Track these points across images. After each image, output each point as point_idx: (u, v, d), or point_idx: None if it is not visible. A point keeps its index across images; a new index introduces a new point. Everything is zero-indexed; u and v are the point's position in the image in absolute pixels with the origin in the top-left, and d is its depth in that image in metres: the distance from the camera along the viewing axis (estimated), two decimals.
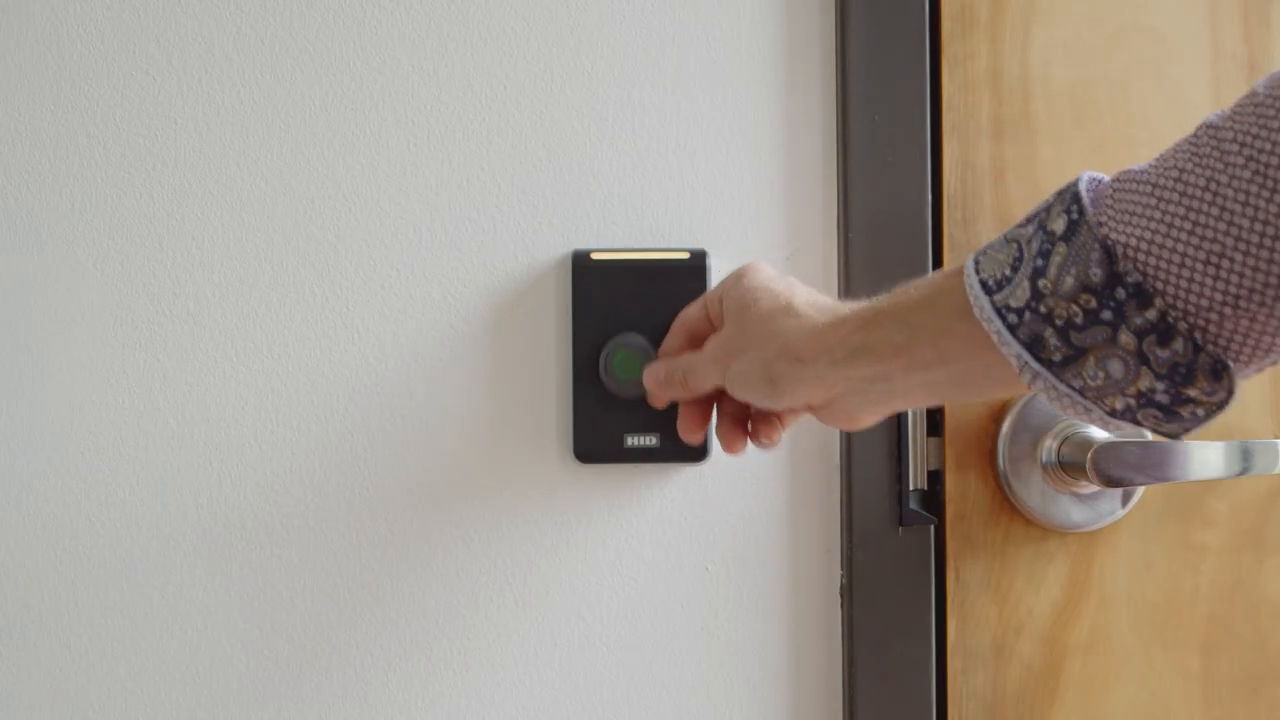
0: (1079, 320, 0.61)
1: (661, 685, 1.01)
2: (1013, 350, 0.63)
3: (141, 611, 1.00)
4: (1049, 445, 0.99)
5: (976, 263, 0.65)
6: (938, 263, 1.00)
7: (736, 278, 0.84)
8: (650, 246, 1.00)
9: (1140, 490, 1.00)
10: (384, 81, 1.00)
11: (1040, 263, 0.62)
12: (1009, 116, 1.01)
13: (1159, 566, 1.01)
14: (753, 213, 1.01)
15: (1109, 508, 1.00)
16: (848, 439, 0.99)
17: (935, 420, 1.00)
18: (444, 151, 1.00)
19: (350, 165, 1.00)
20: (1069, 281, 0.61)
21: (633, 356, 0.95)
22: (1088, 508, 1.00)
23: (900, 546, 0.99)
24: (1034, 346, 0.62)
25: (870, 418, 0.80)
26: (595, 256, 0.98)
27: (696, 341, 0.90)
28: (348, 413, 1.00)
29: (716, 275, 1.00)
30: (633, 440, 0.98)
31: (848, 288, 0.99)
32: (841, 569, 1.00)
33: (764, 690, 1.01)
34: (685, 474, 1.01)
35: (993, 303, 0.63)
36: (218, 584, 1.00)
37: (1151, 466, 0.93)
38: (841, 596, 1.00)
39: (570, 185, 1.00)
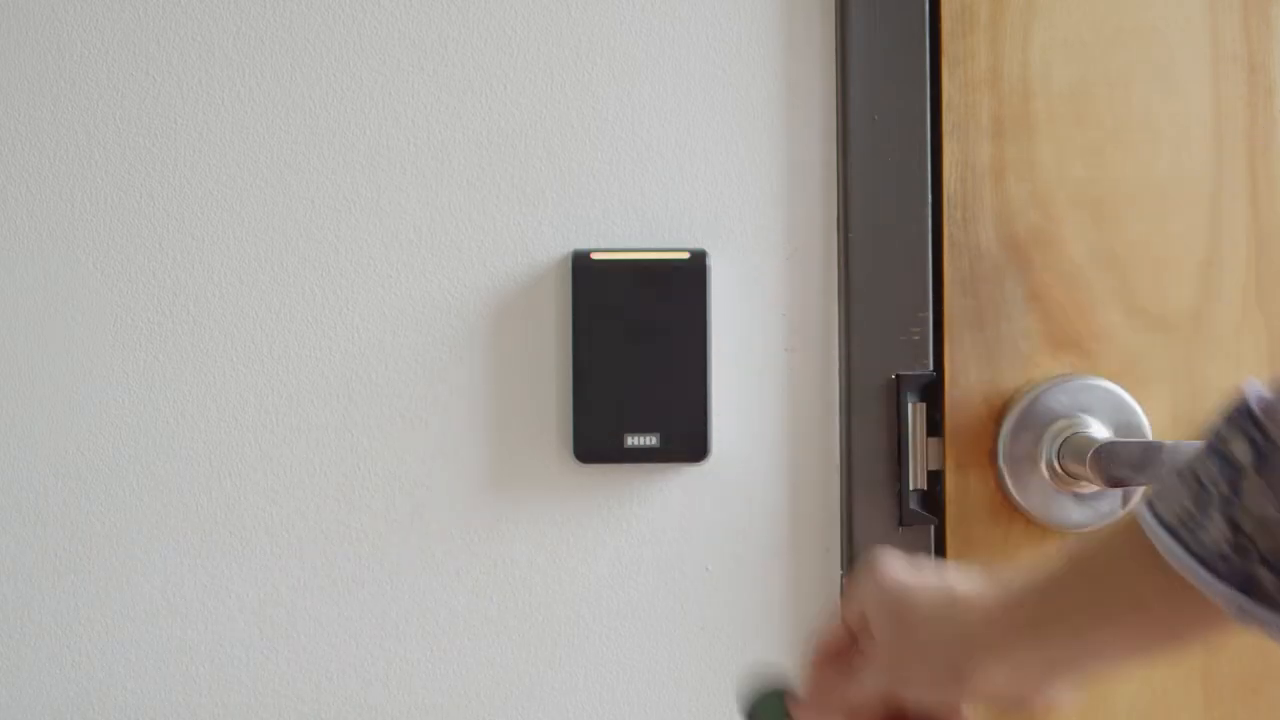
0: None
1: (661, 685, 1.01)
2: (1220, 592, 0.57)
3: (141, 611, 1.00)
4: (1049, 445, 0.99)
5: (1151, 506, 0.59)
6: (938, 263, 1.00)
7: (871, 582, 0.72)
8: (650, 246, 1.00)
9: (1140, 490, 1.00)
10: (384, 81, 1.00)
11: (1232, 496, 0.56)
12: (1009, 116, 1.00)
13: None
14: (753, 213, 1.01)
15: (1109, 508, 1.00)
16: (848, 439, 0.99)
17: (935, 420, 1.00)
18: (444, 151, 1.00)
19: (350, 165, 1.00)
20: (1272, 513, 0.55)
21: (777, 702, 0.78)
22: (1088, 508, 1.00)
23: (900, 546, 0.99)
24: (1247, 588, 0.56)
25: (1053, 699, 0.70)
26: (595, 256, 0.98)
27: (841, 664, 0.78)
28: (348, 413, 1.00)
29: (716, 275, 1.00)
30: (633, 440, 0.98)
31: (848, 288, 0.99)
32: (841, 569, 1.00)
33: None
34: (685, 474, 1.00)
35: (1185, 545, 0.57)
36: (218, 584, 1.00)
37: (1151, 466, 0.93)
38: (841, 596, 1.00)
39: (570, 185, 1.00)
